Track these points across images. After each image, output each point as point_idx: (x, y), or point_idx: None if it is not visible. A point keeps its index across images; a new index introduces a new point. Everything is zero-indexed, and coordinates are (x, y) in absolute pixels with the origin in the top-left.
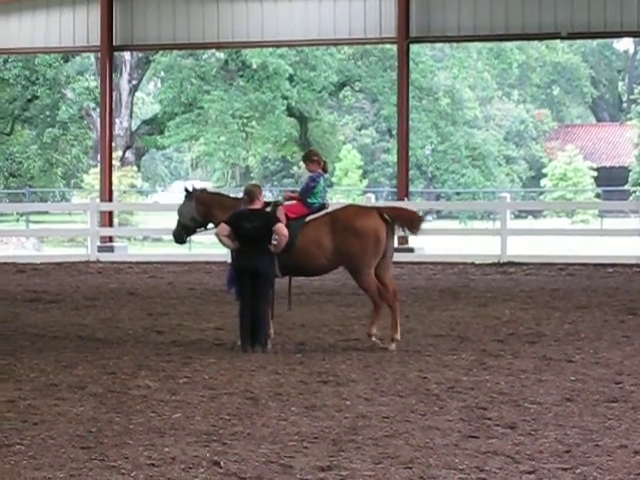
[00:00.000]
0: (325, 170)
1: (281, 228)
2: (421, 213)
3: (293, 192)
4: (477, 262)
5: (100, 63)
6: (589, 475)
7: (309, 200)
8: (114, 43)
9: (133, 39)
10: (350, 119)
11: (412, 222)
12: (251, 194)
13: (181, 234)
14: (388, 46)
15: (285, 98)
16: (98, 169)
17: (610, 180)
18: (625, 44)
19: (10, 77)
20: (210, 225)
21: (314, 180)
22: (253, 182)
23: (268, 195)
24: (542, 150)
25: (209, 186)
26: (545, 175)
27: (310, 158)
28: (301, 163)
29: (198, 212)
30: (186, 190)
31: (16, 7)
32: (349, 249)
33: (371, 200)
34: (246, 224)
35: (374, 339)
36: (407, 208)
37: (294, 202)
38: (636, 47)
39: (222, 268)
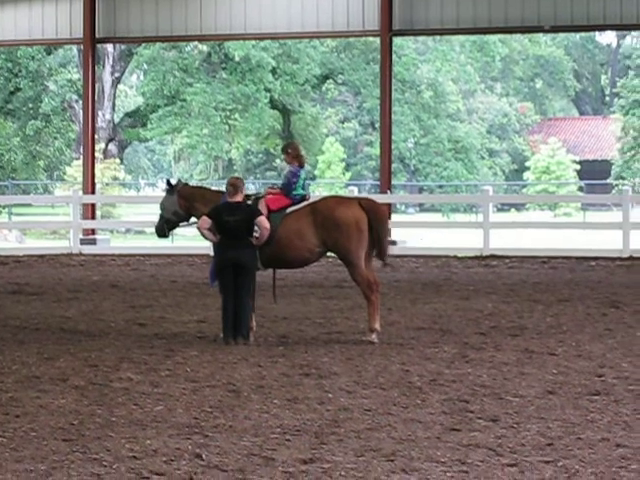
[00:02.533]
0: (301, 164)
1: (263, 221)
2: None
3: (273, 187)
4: (459, 255)
5: (83, 55)
6: (571, 468)
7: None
8: (97, 35)
9: (116, 31)
10: (333, 112)
11: (381, 219)
12: (235, 186)
13: (163, 228)
14: (371, 39)
15: (268, 91)
16: (81, 161)
17: (593, 173)
18: (608, 37)
19: None
20: (192, 219)
21: (295, 175)
22: (235, 175)
23: (251, 188)
24: (525, 143)
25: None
26: (528, 168)
27: (285, 150)
28: (283, 155)
29: (180, 206)
30: (168, 184)
31: None
32: (333, 240)
33: (354, 193)
34: (228, 217)
35: (374, 336)
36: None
37: (276, 194)
38: (619, 40)
39: (204, 261)
